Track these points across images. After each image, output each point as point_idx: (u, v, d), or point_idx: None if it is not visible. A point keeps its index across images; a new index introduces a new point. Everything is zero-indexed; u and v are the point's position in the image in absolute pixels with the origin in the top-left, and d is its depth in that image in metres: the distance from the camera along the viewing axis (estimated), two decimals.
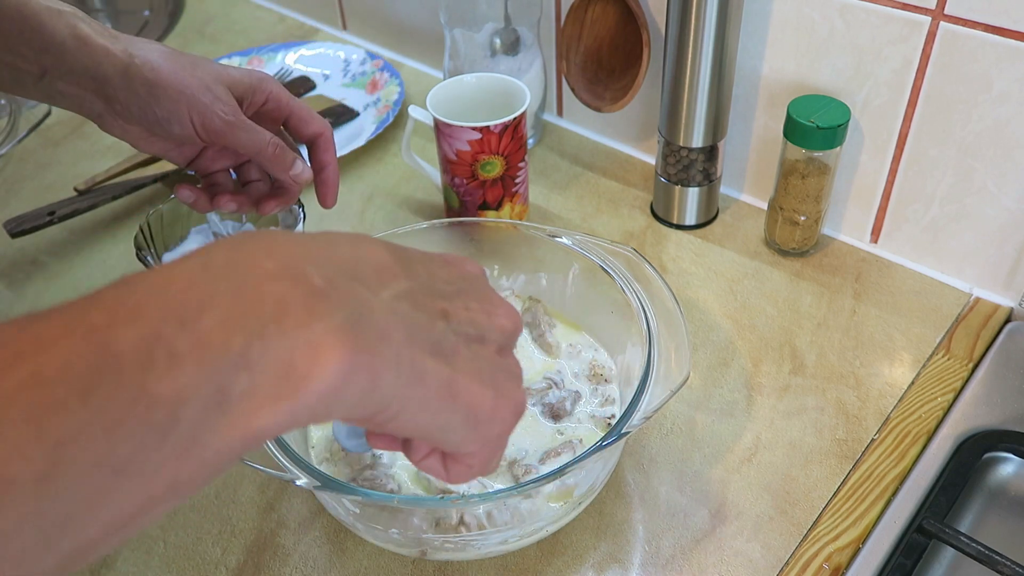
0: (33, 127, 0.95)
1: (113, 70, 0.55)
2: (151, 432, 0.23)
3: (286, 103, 0.62)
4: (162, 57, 0.56)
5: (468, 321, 0.34)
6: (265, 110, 0.62)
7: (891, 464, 0.59)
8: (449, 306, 0.34)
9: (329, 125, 0.64)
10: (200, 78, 0.57)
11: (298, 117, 0.63)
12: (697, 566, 0.54)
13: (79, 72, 0.54)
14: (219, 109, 0.57)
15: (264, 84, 0.61)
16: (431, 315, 0.32)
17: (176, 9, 1.20)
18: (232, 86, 0.59)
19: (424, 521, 0.51)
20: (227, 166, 0.64)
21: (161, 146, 0.60)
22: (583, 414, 0.59)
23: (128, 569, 0.56)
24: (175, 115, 0.56)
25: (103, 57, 0.54)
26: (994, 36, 0.61)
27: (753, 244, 0.78)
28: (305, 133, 0.63)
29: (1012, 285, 0.70)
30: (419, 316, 0.31)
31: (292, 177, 0.61)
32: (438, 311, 0.33)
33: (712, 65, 0.69)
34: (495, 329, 0.36)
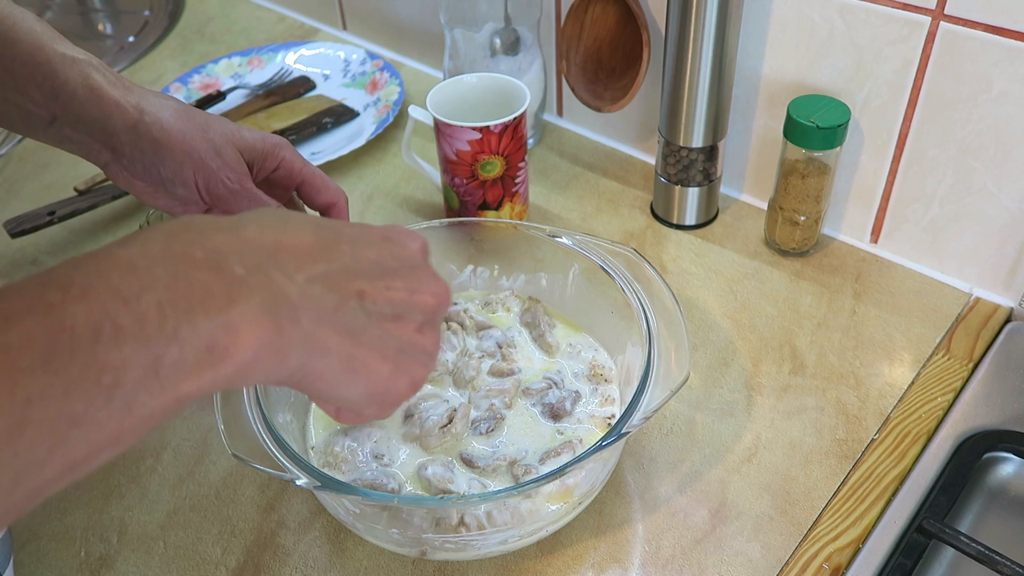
0: None
1: (122, 125, 0.55)
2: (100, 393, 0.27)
3: (299, 171, 0.61)
4: (173, 116, 0.56)
5: (386, 300, 0.38)
6: (276, 176, 0.61)
7: (891, 464, 0.59)
8: (368, 286, 0.37)
9: (345, 195, 0.62)
10: (211, 140, 0.56)
11: (311, 185, 0.62)
12: (697, 566, 0.54)
13: (88, 122, 0.54)
14: (225, 176, 0.57)
15: (278, 151, 0.60)
16: (344, 296, 0.36)
17: (176, 9, 1.20)
18: (244, 150, 0.58)
19: (424, 521, 0.51)
20: None
21: (165, 202, 0.59)
22: (583, 414, 0.59)
23: (128, 569, 0.56)
24: (179, 177, 0.56)
25: (113, 110, 0.54)
26: (994, 36, 0.61)
27: (753, 244, 0.78)
28: (317, 202, 0.62)
29: (1012, 285, 0.70)
30: (330, 297, 0.35)
31: None
32: (353, 292, 0.36)
33: (712, 65, 0.69)
34: (416, 307, 0.39)
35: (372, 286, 0.37)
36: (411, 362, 0.39)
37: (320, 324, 0.34)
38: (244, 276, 0.32)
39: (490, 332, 0.63)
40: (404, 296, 0.38)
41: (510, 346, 0.63)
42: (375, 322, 0.37)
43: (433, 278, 0.41)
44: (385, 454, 0.56)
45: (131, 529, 0.58)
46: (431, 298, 0.40)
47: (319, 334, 0.34)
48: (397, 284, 0.38)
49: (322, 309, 0.35)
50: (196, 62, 1.08)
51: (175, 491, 0.61)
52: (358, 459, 0.56)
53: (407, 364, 0.39)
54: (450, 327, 0.63)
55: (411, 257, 0.41)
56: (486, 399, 0.59)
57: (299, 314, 0.33)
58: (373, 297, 0.37)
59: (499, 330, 0.64)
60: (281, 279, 0.33)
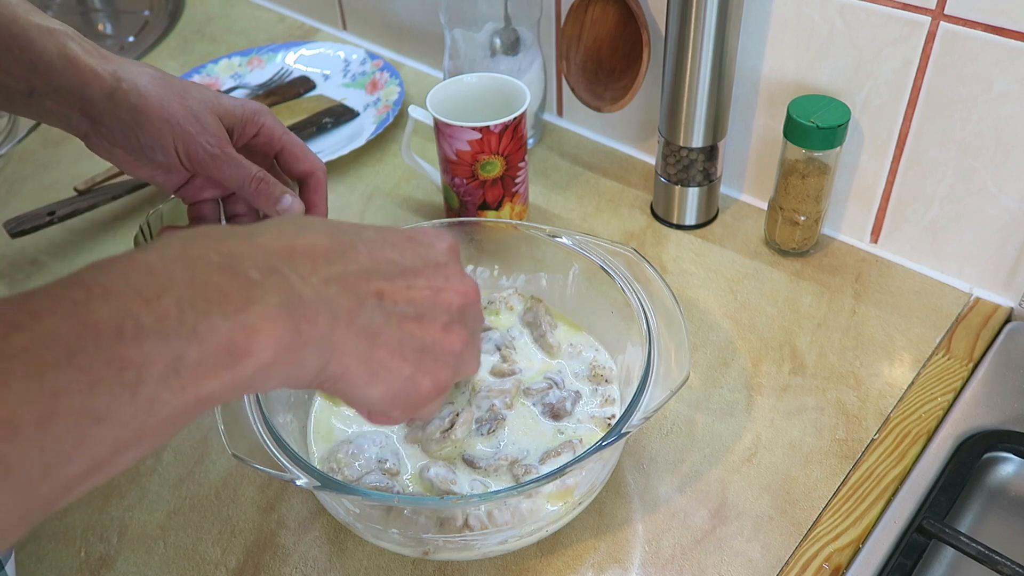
0: (33, 127, 0.95)
1: (99, 93, 0.54)
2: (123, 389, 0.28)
3: (279, 137, 0.60)
4: (151, 82, 0.55)
5: (407, 300, 0.38)
6: (256, 143, 0.60)
7: (891, 464, 0.59)
8: (387, 286, 0.37)
9: (323, 166, 0.62)
10: (189, 107, 0.56)
11: (290, 153, 0.61)
12: (697, 566, 0.54)
13: (66, 92, 0.54)
14: (204, 140, 0.56)
15: (257, 116, 0.59)
16: (362, 296, 0.36)
17: (176, 9, 1.20)
18: (223, 116, 0.58)
19: (429, 521, 0.51)
20: (214, 196, 0.62)
21: (146, 171, 0.59)
22: (583, 414, 0.59)
23: (128, 569, 0.56)
24: (159, 143, 0.56)
25: (90, 78, 0.54)
26: (994, 36, 0.61)
27: (753, 244, 0.78)
28: (296, 170, 0.61)
29: (1012, 285, 0.70)
30: (347, 298, 0.35)
31: (279, 212, 0.59)
32: (371, 292, 0.36)
33: (712, 65, 0.69)
34: (440, 306, 0.39)
35: (392, 286, 0.37)
36: (434, 363, 0.39)
37: (337, 325, 0.34)
38: (259, 279, 0.32)
39: (489, 334, 0.63)
40: (427, 295, 0.38)
41: (509, 347, 0.63)
42: (395, 322, 0.37)
43: (459, 276, 0.40)
44: (388, 457, 0.56)
45: (131, 529, 0.58)
46: (457, 297, 0.39)
47: (336, 335, 0.34)
48: (419, 283, 0.38)
49: (338, 310, 0.35)
50: (196, 62, 1.08)
51: (175, 491, 0.61)
52: (359, 461, 0.55)
53: (430, 365, 0.38)
54: None
55: (436, 256, 0.40)
56: (487, 399, 0.59)
57: (316, 315, 0.33)
58: (393, 297, 0.37)
59: (498, 332, 0.64)
60: (296, 280, 0.33)
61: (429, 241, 0.41)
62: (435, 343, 0.38)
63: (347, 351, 0.35)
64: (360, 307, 0.35)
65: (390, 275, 0.37)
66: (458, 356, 0.40)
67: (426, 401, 0.39)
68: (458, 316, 0.40)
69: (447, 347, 0.39)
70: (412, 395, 0.38)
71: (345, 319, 0.35)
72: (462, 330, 0.40)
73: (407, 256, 0.39)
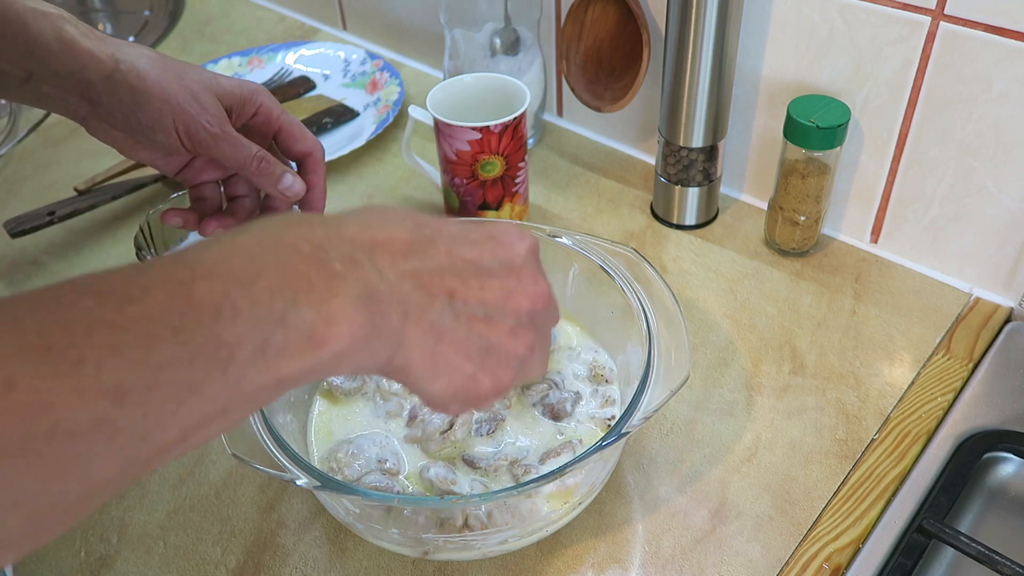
0: (33, 127, 0.95)
1: (97, 75, 0.54)
2: (216, 365, 0.29)
3: (276, 117, 0.60)
4: (149, 63, 0.55)
5: (478, 300, 0.38)
6: (255, 123, 0.60)
7: (891, 464, 0.59)
8: (459, 286, 0.38)
9: (321, 146, 0.62)
10: (187, 87, 0.56)
11: (288, 133, 0.61)
12: (697, 566, 0.54)
13: (64, 75, 0.54)
14: (204, 120, 0.56)
15: (255, 96, 0.59)
16: (433, 294, 0.37)
17: (176, 9, 1.20)
18: (222, 96, 0.57)
19: (429, 521, 0.51)
20: (215, 178, 0.62)
21: (147, 154, 0.59)
22: (583, 415, 0.59)
23: (128, 569, 0.56)
24: (159, 123, 0.55)
25: (88, 61, 0.54)
26: (994, 36, 0.61)
27: (753, 244, 0.78)
28: (294, 150, 0.61)
29: (1012, 285, 0.70)
30: (419, 295, 0.36)
31: (281, 191, 0.59)
32: (444, 290, 0.37)
33: (712, 65, 0.69)
34: (509, 309, 0.39)
35: (464, 285, 0.38)
36: (497, 364, 0.39)
37: (407, 320, 0.36)
38: (342, 271, 0.33)
39: None
40: (497, 297, 0.39)
41: None
42: (464, 322, 0.38)
43: (533, 280, 0.41)
44: (388, 457, 0.56)
45: (131, 529, 0.58)
46: (527, 300, 0.40)
47: (406, 330, 0.36)
48: (492, 284, 0.39)
49: (410, 305, 0.36)
50: (196, 62, 1.07)
51: (175, 491, 0.61)
52: (359, 461, 0.55)
53: (492, 366, 0.39)
54: None
55: (513, 257, 0.40)
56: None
57: (389, 309, 0.35)
58: (464, 297, 0.38)
59: None
60: (373, 275, 0.35)
61: (510, 241, 0.41)
62: (500, 345, 0.39)
63: (414, 346, 0.36)
64: (431, 304, 0.37)
65: (464, 275, 0.38)
66: (521, 359, 0.40)
67: (485, 399, 0.40)
68: (526, 320, 0.40)
69: (511, 350, 0.40)
70: (472, 392, 0.39)
71: (416, 315, 0.36)
72: (528, 334, 0.40)
73: (484, 255, 0.39)
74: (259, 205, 0.64)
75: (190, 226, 0.62)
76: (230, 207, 0.64)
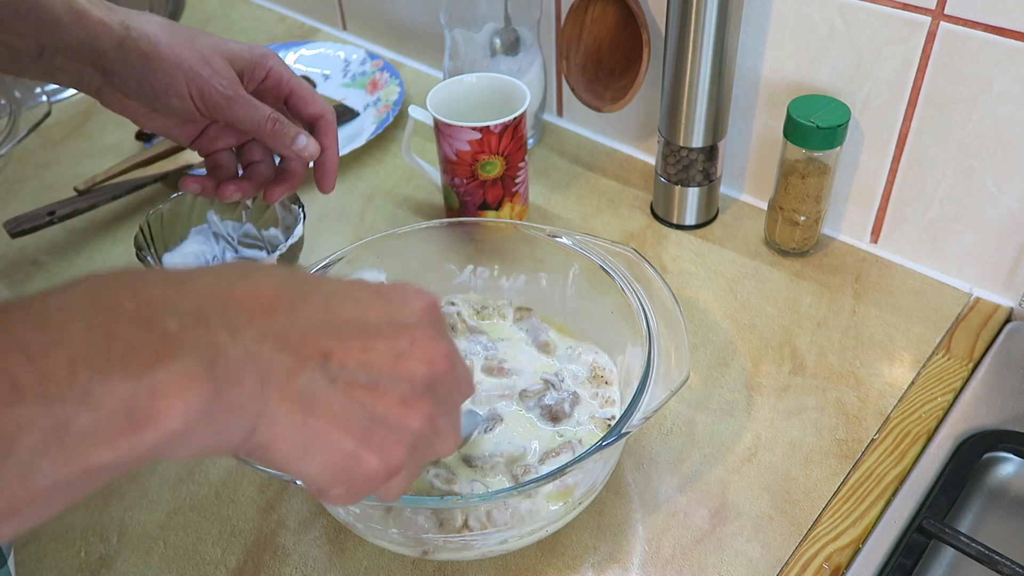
0: (33, 127, 0.95)
1: (109, 43, 0.54)
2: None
3: (287, 80, 0.61)
4: (160, 29, 0.55)
5: (359, 364, 0.33)
6: (266, 86, 0.60)
7: (891, 464, 0.59)
8: (337, 347, 0.32)
9: (332, 109, 0.62)
10: (199, 51, 0.56)
11: (299, 96, 0.61)
12: (697, 566, 0.54)
13: (76, 47, 0.54)
14: (217, 83, 0.56)
15: (265, 60, 0.59)
16: (303, 357, 0.31)
17: (176, 9, 1.20)
18: (232, 60, 0.58)
19: (428, 522, 0.51)
20: (230, 145, 0.63)
21: (162, 123, 0.59)
22: (583, 415, 0.59)
23: (128, 569, 0.56)
24: (172, 88, 0.55)
25: (99, 30, 0.54)
26: (994, 36, 0.61)
27: (753, 244, 0.78)
28: (305, 113, 0.61)
29: (1012, 285, 0.70)
30: (284, 357, 0.31)
31: (296, 152, 0.59)
32: (316, 352, 0.32)
33: (712, 65, 0.69)
34: (398, 375, 0.34)
35: (343, 346, 0.32)
36: (385, 439, 0.33)
37: (268, 387, 0.30)
38: (177, 332, 0.28)
39: (478, 338, 0.63)
40: (385, 360, 0.33)
41: (491, 350, 0.63)
42: (342, 389, 0.32)
43: (430, 342, 0.35)
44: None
45: (131, 529, 0.58)
46: (422, 366, 0.34)
47: (267, 399, 0.30)
48: (378, 346, 0.33)
49: (272, 370, 0.30)
50: None
51: (175, 491, 0.61)
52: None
53: (379, 441, 0.33)
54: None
55: (406, 316, 0.35)
56: (486, 401, 0.59)
57: (242, 375, 0.29)
58: (342, 360, 0.32)
59: (487, 337, 0.64)
60: (223, 336, 0.29)
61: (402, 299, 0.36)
62: (388, 416, 0.33)
63: (278, 418, 0.31)
64: (301, 368, 0.31)
65: (343, 334, 0.33)
66: (417, 433, 0.34)
67: (374, 482, 0.34)
68: (422, 388, 0.34)
69: (403, 422, 0.34)
70: (355, 473, 0.33)
71: (280, 381, 0.30)
72: (425, 404, 0.35)
73: (370, 314, 0.34)
74: (274, 170, 0.64)
75: (208, 192, 0.63)
76: (246, 173, 0.64)
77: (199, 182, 0.62)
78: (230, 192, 0.62)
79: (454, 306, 0.65)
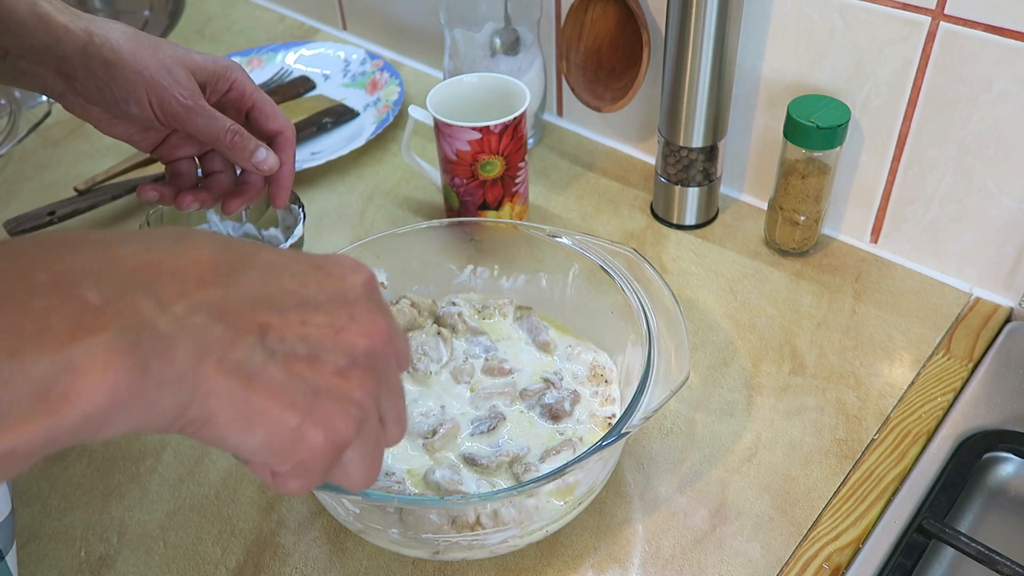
0: (33, 127, 0.95)
1: (72, 48, 0.54)
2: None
3: (250, 94, 0.61)
4: (123, 37, 0.56)
5: (298, 337, 0.32)
6: (229, 98, 0.61)
7: (891, 464, 0.59)
8: (276, 319, 0.31)
9: (293, 126, 0.63)
10: (160, 60, 0.56)
11: (260, 110, 0.61)
12: (697, 566, 0.54)
13: (39, 51, 0.54)
14: (177, 92, 0.56)
15: (229, 72, 0.60)
16: (240, 329, 0.30)
17: (176, 9, 1.20)
18: (195, 71, 0.58)
19: (441, 519, 0.51)
20: (191, 154, 0.63)
21: (123, 129, 0.59)
22: (583, 414, 0.59)
23: (128, 569, 0.56)
24: (132, 96, 0.56)
25: (63, 35, 0.54)
26: (994, 36, 0.61)
27: (753, 244, 0.78)
28: (266, 128, 0.62)
29: (1012, 285, 0.70)
30: (219, 330, 0.29)
31: (254, 165, 0.60)
32: (254, 325, 0.31)
33: (712, 65, 0.69)
34: (339, 347, 0.33)
35: (281, 319, 0.31)
36: (328, 411, 0.32)
37: (203, 362, 0.29)
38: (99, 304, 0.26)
39: (478, 339, 0.63)
40: (324, 333, 0.33)
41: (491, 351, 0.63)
42: (280, 362, 0.31)
43: (369, 315, 0.34)
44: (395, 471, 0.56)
45: (131, 529, 0.58)
46: (362, 339, 0.33)
47: (201, 373, 0.29)
48: (317, 319, 0.33)
49: (207, 343, 0.29)
50: None
51: (175, 491, 0.61)
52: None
53: (322, 413, 0.32)
54: (441, 333, 0.63)
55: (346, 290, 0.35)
56: (487, 400, 0.59)
57: (173, 350, 0.28)
58: (281, 332, 0.31)
59: (486, 338, 0.64)
60: (151, 308, 0.28)
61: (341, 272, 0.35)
62: (330, 388, 0.32)
63: (213, 392, 0.29)
64: (238, 341, 0.30)
65: (282, 307, 0.32)
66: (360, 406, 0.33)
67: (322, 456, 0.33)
68: (362, 361, 0.34)
69: (345, 394, 0.33)
70: (300, 448, 0.32)
71: (215, 355, 0.29)
72: (366, 377, 0.34)
73: (309, 287, 0.33)
74: (235, 181, 0.65)
75: (166, 201, 0.63)
76: (206, 182, 0.64)
77: (157, 190, 0.62)
78: (188, 202, 0.62)
79: (455, 306, 0.65)
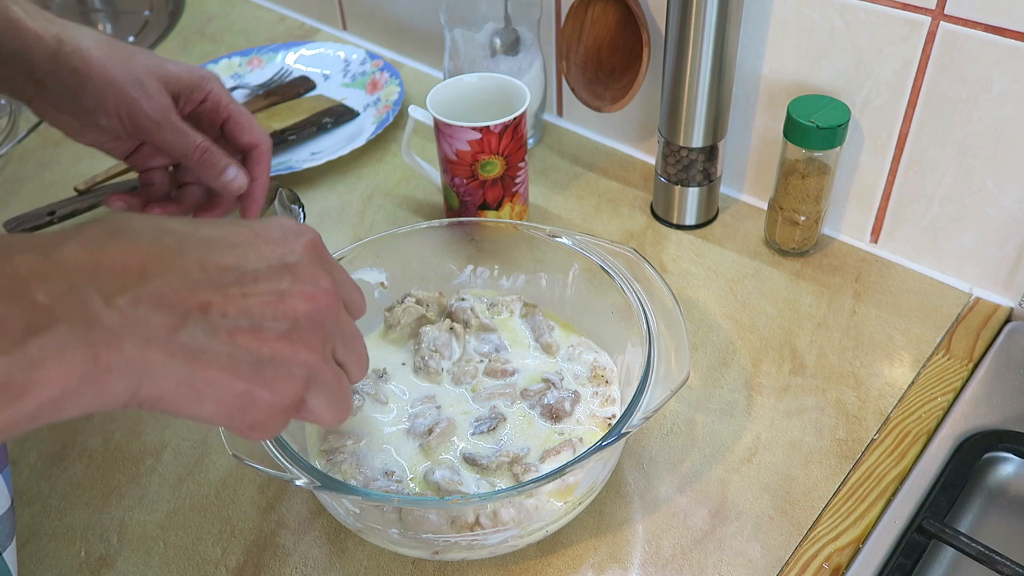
0: (33, 127, 0.95)
1: (41, 55, 0.54)
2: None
3: (225, 105, 0.60)
4: (95, 45, 0.55)
5: (241, 311, 0.34)
6: (204, 109, 0.60)
7: (891, 464, 0.59)
8: (216, 297, 0.33)
9: (269, 139, 0.62)
10: (132, 71, 0.55)
11: (235, 123, 0.60)
12: (697, 566, 0.54)
13: (8, 56, 0.54)
14: (147, 106, 0.55)
15: (205, 83, 0.59)
16: (182, 313, 0.32)
17: (176, 9, 1.20)
18: (169, 81, 0.57)
19: (440, 518, 0.51)
20: (164, 164, 0.62)
21: (93, 137, 0.59)
22: (583, 414, 0.59)
23: (128, 569, 0.56)
24: (101, 107, 0.55)
25: (32, 41, 0.53)
26: (994, 36, 0.61)
27: (753, 244, 0.78)
28: (241, 141, 0.61)
29: (1012, 285, 0.70)
30: (162, 317, 0.32)
31: (223, 184, 0.59)
32: (195, 306, 0.33)
33: (712, 65, 0.69)
34: (280, 315, 0.35)
35: (222, 296, 0.33)
36: (275, 376, 0.35)
37: (149, 348, 0.31)
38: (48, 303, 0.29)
39: (489, 336, 0.63)
40: (265, 302, 0.34)
41: (502, 351, 0.63)
42: (224, 337, 0.33)
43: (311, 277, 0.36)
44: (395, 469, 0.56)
45: (131, 529, 0.58)
46: (303, 303, 0.35)
47: (148, 359, 0.31)
48: (257, 289, 0.34)
49: (151, 331, 0.31)
50: (196, 62, 1.08)
51: (175, 491, 0.61)
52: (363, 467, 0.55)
53: (270, 379, 0.35)
54: (454, 328, 0.63)
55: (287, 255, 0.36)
56: (488, 400, 0.59)
57: (119, 340, 0.30)
58: (222, 309, 0.33)
59: (497, 335, 0.64)
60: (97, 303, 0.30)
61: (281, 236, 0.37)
62: (275, 355, 0.35)
63: (161, 373, 0.32)
64: (181, 324, 0.32)
65: (221, 284, 0.34)
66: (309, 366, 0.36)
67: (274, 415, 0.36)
68: (306, 324, 0.35)
69: (290, 358, 0.35)
70: (251, 410, 0.35)
71: (161, 340, 0.31)
72: (312, 338, 0.36)
73: (249, 258, 0.35)
74: (207, 194, 0.64)
75: (134, 211, 0.62)
76: (177, 194, 0.63)
77: (125, 200, 0.61)
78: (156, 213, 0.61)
79: (465, 301, 0.65)
